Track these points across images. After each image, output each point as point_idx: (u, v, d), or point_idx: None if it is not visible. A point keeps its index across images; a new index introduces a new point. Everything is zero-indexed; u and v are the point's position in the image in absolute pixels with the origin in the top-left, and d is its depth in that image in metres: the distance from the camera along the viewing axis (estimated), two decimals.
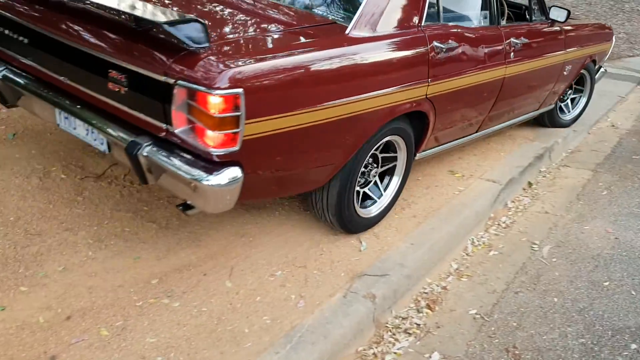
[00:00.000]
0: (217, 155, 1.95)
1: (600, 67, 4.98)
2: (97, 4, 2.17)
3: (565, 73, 4.23)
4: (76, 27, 2.24)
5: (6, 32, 2.54)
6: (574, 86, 4.82)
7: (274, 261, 2.56)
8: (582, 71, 4.62)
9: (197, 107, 1.90)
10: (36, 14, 2.41)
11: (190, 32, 1.89)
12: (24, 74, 2.56)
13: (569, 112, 4.93)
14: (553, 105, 4.52)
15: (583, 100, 4.95)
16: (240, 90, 1.88)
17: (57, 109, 2.43)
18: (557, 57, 4.01)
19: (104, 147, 2.32)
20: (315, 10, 2.63)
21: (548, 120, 4.69)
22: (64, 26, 2.28)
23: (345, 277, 2.52)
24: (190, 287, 2.33)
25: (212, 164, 1.98)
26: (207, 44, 1.94)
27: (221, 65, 1.91)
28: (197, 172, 1.96)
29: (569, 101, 4.91)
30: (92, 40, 2.17)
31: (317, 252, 2.67)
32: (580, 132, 4.92)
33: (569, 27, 4.17)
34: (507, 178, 3.74)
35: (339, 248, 2.73)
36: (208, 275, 2.41)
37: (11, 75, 2.58)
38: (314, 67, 2.18)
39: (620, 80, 6.84)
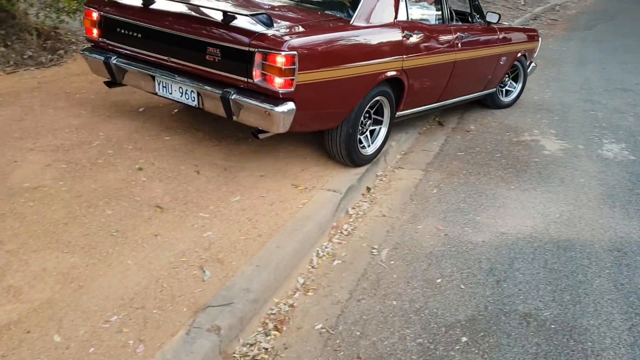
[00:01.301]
0: (282, 94, 3.18)
1: (531, 62, 6.32)
2: (196, 5, 3.59)
3: (501, 63, 5.56)
4: (183, 22, 3.52)
5: (121, 31, 3.81)
6: (510, 76, 6.13)
7: (109, 306, 2.41)
8: (516, 63, 5.97)
9: (269, 64, 3.13)
10: (151, 17, 3.65)
11: (264, 19, 3.20)
12: (129, 59, 3.85)
13: (507, 95, 6.25)
14: (494, 89, 5.84)
15: (518, 87, 6.28)
16: (295, 52, 3.13)
17: (156, 81, 3.72)
18: (494, 50, 5.35)
19: (194, 103, 3.60)
20: (326, 12, 3.96)
21: (490, 102, 6.02)
22: (173, 23, 3.53)
23: (187, 312, 2.44)
24: (11, 349, 2.11)
25: (277, 100, 3.21)
26: (273, 27, 3.23)
27: (283, 38, 3.16)
28: (270, 105, 3.20)
29: (507, 87, 6.21)
30: (195, 29, 3.43)
31: (157, 289, 2.56)
32: (411, 134, 5.24)
33: (503, 28, 5.54)
34: (347, 185, 3.87)
35: (180, 282, 2.64)
36: (32, 332, 2.20)
37: (121, 60, 3.86)
38: (335, 42, 3.55)
39: None
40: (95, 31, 3.97)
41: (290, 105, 3.23)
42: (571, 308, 2.86)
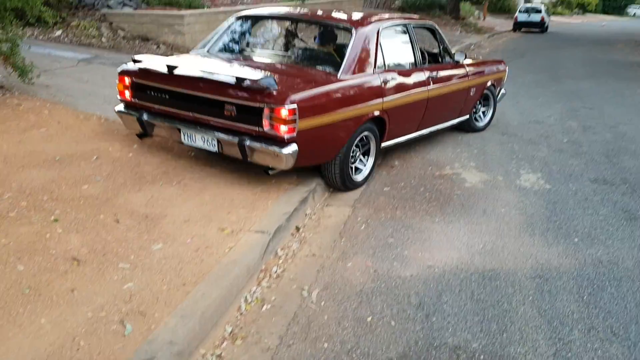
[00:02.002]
0: (286, 138, 3.90)
1: (500, 89, 7.19)
2: (217, 73, 4.09)
3: (471, 94, 6.34)
4: (203, 85, 4.13)
5: (150, 93, 4.48)
6: (482, 102, 6.91)
7: None
8: (486, 92, 6.76)
9: (275, 115, 3.85)
10: (176, 81, 4.26)
11: (269, 82, 3.85)
12: (158, 115, 4.52)
13: (481, 120, 7.01)
14: (468, 116, 6.59)
15: (490, 112, 7.08)
16: (295, 105, 3.86)
17: (182, 132, 4.38)
18: (463, 84, 6.08)
19: (215, 149, 4.28)
20: (317, 67, 4.79)
21: (468, 127, 6.78)
22: (194, 86, 4.16)
23: None
24: None
25: (283, 144, 3.93)
26: (276, 86, 3.88)
27: (285, 95, 3.88)
28: (277, 148, 3.92)
29: (480, 113, 6.97)
30: (214, 90, 4.08)
31: (73, 348, 2.40)
32: None
33: (470, 64, 6.35)
34: (276, 226, 3.82)
35: (99, 338, 2.49)
36: None
37: (151, 116, 4.55)
38: (327, 93, 4.29)
39: None
40: (127, 93, 4.66)
41: (294, 146, 3.97)
42: (498, 337, 2.91)
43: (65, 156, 4.61)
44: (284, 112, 3.82)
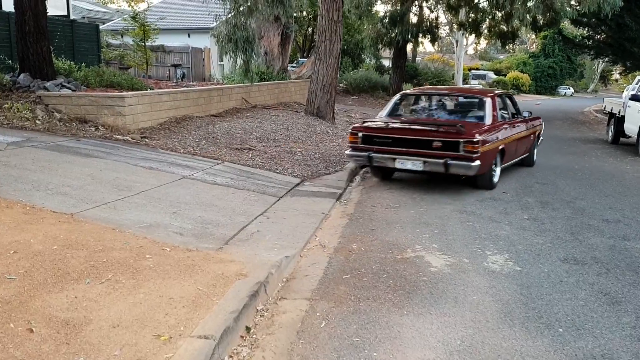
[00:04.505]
0: (474, 157, 7.31)
1: (540, 136, 10.63)
2: (425, 122, 8.50)
3: (531, 138, 9.86)
4: (415, 131, 7.90)
5: (374, 139, 7.92)
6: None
7: None
8: (535, 138, 10.31)
9: (468, 144, 7.32)
10: (392, 130, 8.01)
11: (461, 127, 7.51)
12: (379, 152, 7.85)
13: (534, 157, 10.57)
14: (528, 154, 9.99)
15: (535, 152, 10.43)
16: (480, 137, 7.42)
17: (396, 160, 7.76)
18: (527, 131, 9.56)
19: (420, 168, 7.65)
20: (471, 120, 8.35)
21: (530, 161, 10.17)
22: (407, 132, 7.92)
23: None
24: None
25: (472, 160, 7.33)
26: (464, 129, 7.48)
27: (473, 133, 7.44)
28: (470, 163, 7.34)
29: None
30: (426, 134, 7.65)
31: None
32: (292, 258, 4.81)
33: (528, 119, 9.79)
34: (222, 329, 3.28)
35: None
36: None
37: (374, 153, 7.86)
38: (487, 132, 7.82)
39: (321, 197, 7.19)
40: (358, 141, 7.93)
41: (478, 162, 7.17)
42: None
43: None
44: (474, 143, 7.12)
